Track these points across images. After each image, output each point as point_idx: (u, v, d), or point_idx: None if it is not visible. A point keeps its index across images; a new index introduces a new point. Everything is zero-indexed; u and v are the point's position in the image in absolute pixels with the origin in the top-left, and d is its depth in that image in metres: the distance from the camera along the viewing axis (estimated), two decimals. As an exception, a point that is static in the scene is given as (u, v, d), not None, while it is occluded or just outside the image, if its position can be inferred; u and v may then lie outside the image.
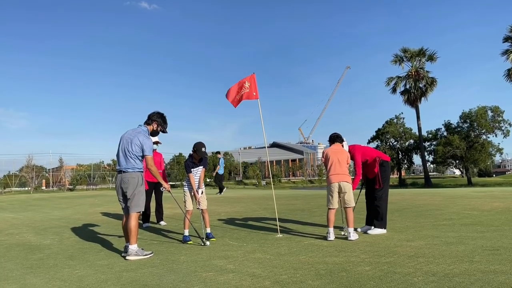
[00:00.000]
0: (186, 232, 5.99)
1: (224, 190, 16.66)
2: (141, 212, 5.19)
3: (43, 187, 48.44)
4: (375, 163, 6.15)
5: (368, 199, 6.36)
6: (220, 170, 16.52)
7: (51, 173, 55.06)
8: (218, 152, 18.43)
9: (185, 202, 6.09)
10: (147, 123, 5.25)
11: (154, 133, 5.32)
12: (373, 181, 6.22)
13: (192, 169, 6.03)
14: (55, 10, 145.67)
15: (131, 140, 5.00)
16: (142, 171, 5.11)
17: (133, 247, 4.85)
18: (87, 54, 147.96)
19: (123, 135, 5.14)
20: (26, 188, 43.79)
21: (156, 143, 8.20)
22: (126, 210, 5.05)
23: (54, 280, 3.94)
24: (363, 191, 6.56)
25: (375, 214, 6.09)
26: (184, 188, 6.16)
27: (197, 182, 6.05)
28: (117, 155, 5.10)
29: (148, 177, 7.76)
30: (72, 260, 4.89)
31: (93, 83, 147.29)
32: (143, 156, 5.03)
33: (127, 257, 4.81)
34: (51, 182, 52.28)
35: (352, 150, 6.22)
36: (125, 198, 5.05)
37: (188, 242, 5.79)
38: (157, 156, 8.23)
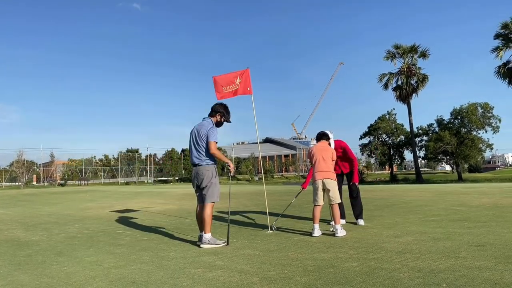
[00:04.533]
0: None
1: None
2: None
3: (34, 182, 48.05)
4: (353, 158, 6.64)
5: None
6: None
7: (42, 168, 54.61)
8: None
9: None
10: (211, 115, 5.46)
11: (218, 124, 5.49)
12: (348, 176, 6.73)
13: None
14: (47, 6, 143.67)
15: (198, 133, 5.24)
16: (215, 164, 5.34)
17: (207, 235, 5.09)
18: (79, 48, 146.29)
19: (192, 130, 5.37)
20: (17, 183, 43.41)
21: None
22: (201, 199, 5.29)
23: (42, 277, 3.93)
24: (345, 186, 6.78)
25: (359, 210, 6.53)
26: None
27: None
28: (190, 150, 5.35)
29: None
30: (60, 256, 4.86)
31: (86, 77, 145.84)
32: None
33: (201, 245, 5.07)
34: (42, 177, 51.87)
35: (341, 142, 6.62)
36: (198, 189, 5.31)
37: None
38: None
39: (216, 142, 5.21)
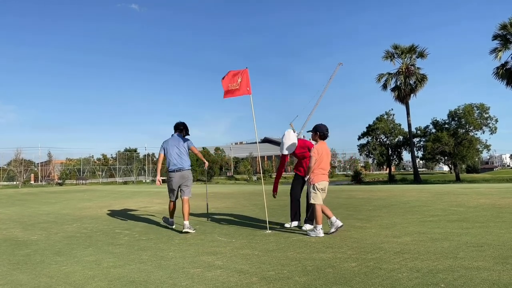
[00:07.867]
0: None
1: None
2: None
3: (32, 182, 47.97)
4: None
5: (296, 195, 6.57)
6: None
7: (39, 167, 54.50)
8: None
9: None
10: (180, 131, 6.73)
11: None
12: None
13: None
14: (45, 4, 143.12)
15: (178, 143, 6.53)
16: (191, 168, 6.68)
17: (187, 222, 6.30)
18: (77, 47, 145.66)
19: (169, 143, 6.52)
20: (15, 183, 43.33)
21: None
22: (175, 196, 6.65)
23: (40, 277, 3.92)
24: (305, 187, 6.71)
25: (311, 212, 6.16)
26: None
27: None
28: (169, 158, 6.44)
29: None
30: (59, 256, 4.86)
31: (84, 76, 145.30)
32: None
33: (184, 230, 6.20)
34: (40, 176, 51.79)
35: (306, 142, 6.83)
36: (179, 188, 6.56)
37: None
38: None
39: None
